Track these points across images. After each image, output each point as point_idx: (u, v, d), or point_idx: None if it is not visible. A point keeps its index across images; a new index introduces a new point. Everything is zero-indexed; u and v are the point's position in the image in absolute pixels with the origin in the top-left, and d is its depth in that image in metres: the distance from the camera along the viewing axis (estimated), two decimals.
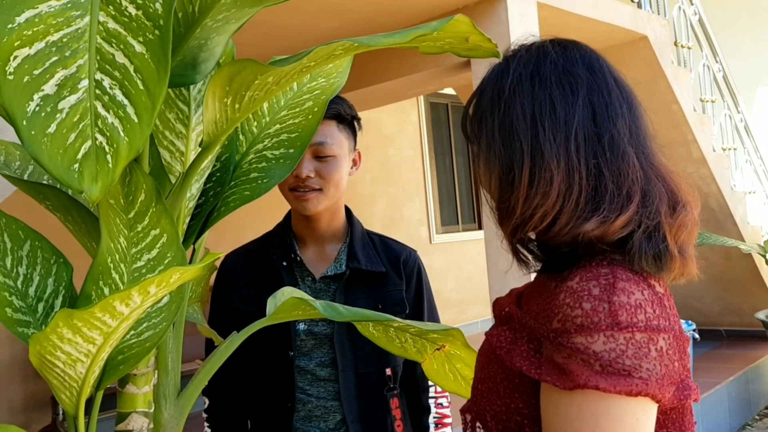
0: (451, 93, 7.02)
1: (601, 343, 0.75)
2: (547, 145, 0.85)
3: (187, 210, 1.09)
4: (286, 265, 1.53)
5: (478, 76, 3.53)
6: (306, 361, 1.50)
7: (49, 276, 0.89)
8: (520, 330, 0.86)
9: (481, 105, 0.92)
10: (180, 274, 0.71)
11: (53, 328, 0.73)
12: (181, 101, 1.07)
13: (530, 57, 0.90)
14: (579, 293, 0.78)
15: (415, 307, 1.58)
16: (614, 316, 0.75)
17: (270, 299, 1.21)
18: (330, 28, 3.72)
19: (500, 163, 0.87)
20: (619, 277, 0.78)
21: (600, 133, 0.86)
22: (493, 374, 0.88)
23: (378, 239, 1.61)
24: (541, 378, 0.79)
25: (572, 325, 0.77)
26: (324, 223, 1.53)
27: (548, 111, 0.86)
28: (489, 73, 0.95)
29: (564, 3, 3.88)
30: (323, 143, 1.44)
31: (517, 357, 0.83)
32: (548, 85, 0.87)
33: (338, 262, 1.53)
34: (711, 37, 5.64)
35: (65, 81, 0.79)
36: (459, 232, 7.70)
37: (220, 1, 0.95)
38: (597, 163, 0.85)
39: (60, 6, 0.80)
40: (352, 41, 0.87)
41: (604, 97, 0.88)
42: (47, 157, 0.77)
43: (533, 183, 0.84)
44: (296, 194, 1.46)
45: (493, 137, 0.88)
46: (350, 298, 1.48)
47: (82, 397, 0.85)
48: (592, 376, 0.74)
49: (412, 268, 1.59)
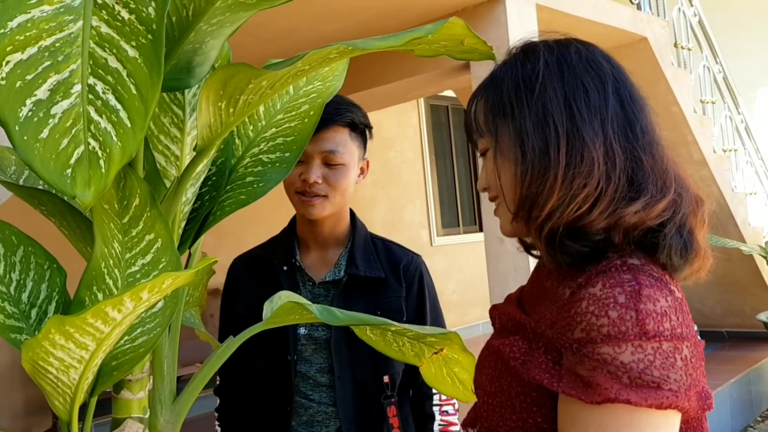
0: (452, 95, 7.02)
1: (629, 354, 0.72)
2: (585, 127, 0.83)
3: (182, 214, 1.08)
4: (286, 269, 1.52)
5: (478, 77, 3.53)
6: (307, 366, 1.49)
7: (43, 282, 0.89)
8: (535, 340, 0.82)
9: (500, 94, 0.89)
10: (172, 279, 0.70)
11: (45, 335, 0.72)
12: (176, 105, 1.06)
13: (552, 46, 0.90)
14: (604, 301, 0.74)
15: (417, 313, 1.55)
16: (642, 325, 0.72)
17: (267, 303, 1.21)
18: (330, 32, 3.72)
19: (532, 147, 0.84)
20: (644, 284, 0.75)
21: (631, 121, 0.85)
22: (507, 387, 0.84)
23: (381, 244, 1.60)
24: (563, 391, 0.75)
25: (598, 334, 0.73)
26: (327, 228, 1.53)
27: (582, 95, 0.85)
28: (501, 67, 0.92)
29: (563, 5, 3.88)
30: (334, 151, 1.43)
31: (535, 369, 0.79)
32: (578, 72, 0.86)
33: (338, 268, 1.53)
34: (711, 38, 5.64)
35: (58, 86, 0.79)
36: (460, 234, 7.70)
37: (214, 5, 0.94)
38: (632, 147, 0.83)
39: (53, 11, 0.80)
40: (347, 44, 0.86)
41: (628, 89, 0.88)
42: (40, 163, 0.76)
43: (571, 165, 0.82)
44: (302, 198, 1.46)
45: (523, 122, 0.85)
46: (349, 304, 1.46)
47: (75, 404, 0.84)
48: (623, 390, 0.71)
49: (413, 274, 1.57)
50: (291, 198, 1.49)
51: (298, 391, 1.50)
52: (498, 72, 0.92)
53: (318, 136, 1.42)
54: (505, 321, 0.92)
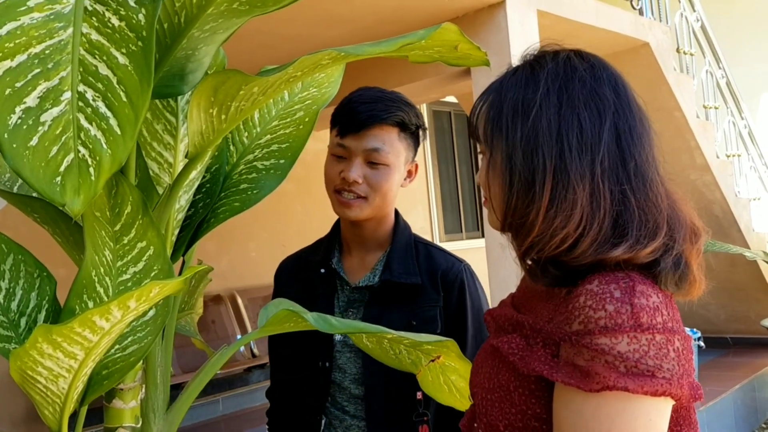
0: (454, 101, 7.02)
1: (626, 344, 0.75)
2: (572, 165, 0.83)
3: (175, 222, 1.08)
4: (323, 272, 1.46)
5: (479, 84, 3.53)
6: (342, 375, 1.42)
7: (32, 290, 0.88)
8: (533, 336, 0.85)
9: (500, 109, 0.89)
10: (160, 288, 0.70)
11: (33, 344, 0.72)
12: (168, 112, 1.06)
13: (558, 70, 0.88)
14: (601, 296, 0.78)
15: (456, 324, 1.45)
16: (636, 318, 0.76)
17: (262, 311, 1.20)
18: (330, 37, 3.72)
19: (519, 176, 0.85)
20: (637, 281, 0.79)
21: (625, 159, 0.85)
22: (505, 382, 0.87)
23: (424, 249, 1.50)
24: (562, 380, 0.78)
25: (595, 326, 0.77)
26: (368, 230, 1.45)
27: (575, 131, 0.84)
28: (509, 76, 0.92)
29: (565, 11, 3.87)
30: (378, 149, 1.36)
31: (534, 361, 0.82)
32: (576, 104, 0.86)
33: (374, 273, 1.45)
34: (713, 43, 5.63)
35: (48, 93, 0.78)
36: (463, 240, 7.68)
37: (206, 12, 0.94)
38: (622, 189, 0.84)
39: (42, 18, 0.80)
40: (338, 50, 0.86)
41: (628, 121, 0.87)
42: (29, 171, 0.76)
43: (554, 202, 0.83)
44: (340, 198, 1.38)
45: (515, 147, 0.86)
46: (385, 311, 1.39)
47: (65, 413, 0.84)
48: (620, 378, 0.74)
49: (453, 281, 1.46)
50: (330, 196, 1.41)
51: (335, 402, 1.43)
52: (505, 82, 0.91)
53: (363, 133, 1.36)
54: (501, 322, 0.95)
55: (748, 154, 6.08)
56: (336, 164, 1.38)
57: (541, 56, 0.91)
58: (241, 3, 0.94)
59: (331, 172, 1.38)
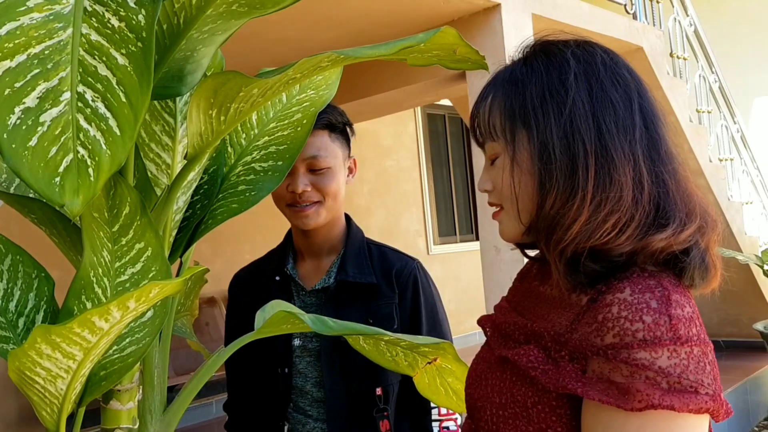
0: (449, 104, 7.03)
1: (666, 358, 0.70)
2: (614, 146, 0.79)
3: (173, 223, 1.08)
4: (278, 279, 1.49)
5: (474, 87, 3.54)
6: (303, 380, 1.45)
7: (30, 291, 0.88)
8: (556, 348, 0.79)
9: (523, 100, 0.84)
10: (159, 288, 0.70)
11: (32, 344, 0.72)
12: (167, 113, 1.06)
13: (579, 55, 0.85)
14: (636, 306, 0.73)
15: (411, 320, 1.49)
16: (675, 330, 0.71)
17: (258, 313, 1.20)
18: (325, 40, 3.72)
19: (558, 166, 0.80)
20: (671, 290, 0.75)
21: (656, 141, 0.82)
22: (522, 398, 0.81)
23: (377, 249, 1.54)
24: (600, 400, 0.72)
25: (633, 339, 0.71)
26: (321, 236, 1.49)
27: (610, 112, 0.80)
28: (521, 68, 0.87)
29: (559, 14, 3.89)
30: (317, 156, 1.39)
31: (563, 378, 0.76)
32: (605, 85, 0.82)
33: (329, 275, 1.49)
34: (707, 47, 5.66)
35: (47, 94, 0.78)
36: (456, 243, 7.69)
37: (205, 13, 0.94)
38: (658, 171, 0.80)
39: (42, 18, 0.80)
40: (338, 53, 0.86)
41: (650, 105, 0.84)
42: (28, 171, 0.76)
43: (599, 188, 0.78)
44: (295, 210, 1.42)
45: (549, 135, 0.81)
46: (341, 311, 1.42)
47: (63, 414, 0.84)
48: (665, 396, 0.69)
49: (407, 278, 1.50)
50: (283, 212, 1.45)
51: (297, 407, 1.45)
52: (519, 74, 0.86)
53: None
54: (509, 330, 0.89)
55: (741, 159, 6.11)
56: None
57: (550, 43, 0.88)
58: (240, 5, 0.94)
59: (279, 189, 1.40)
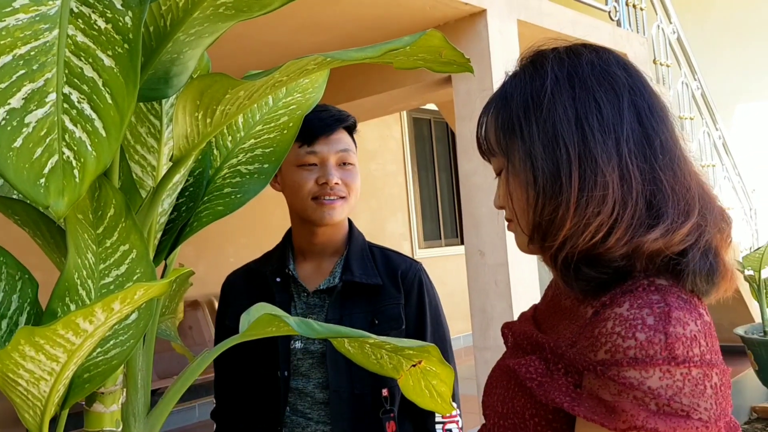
0: (434, 108, 7.06)
1: (657, 379, 0.68)
2: (597, 148, 0.77)
3: (158, 225, 1.07)
4: (279, 281, 1.48)
5: (459, 91, 3.56)
6: (304, 382, 1.43)
7: (14, 292, 0.87)
8: (554, 361, 0.78)
9: (509, 111, 0.85)
10: (144, 290, 0.70)
11: (15, 346, 0.71)
12: (152, 115, 1.06)
13: (562, 58, 0.84)
14: (632, 322, 0.70)
15: (417, 322, 1.50)
16: (671, 349, 0.68)
17: (243, 315, 1.19)
18: (312, 44, 3.73)
19: (542, 171, 0.79)
20: (674, 306, 0.71)
21: (650, 136, 0.79)
22: (521, 409, 0.80)
23: (379, 252, 1.55)
24: (585, 416, 0.70)
25: (624, 357, 0.69)
26: (326, 236, 1.49)
27: (594, 112, 0.79)
28: (510, 80, 0.88)
29: (544, 21, 3.92)
30: (347, 150, 1.43)
31: (554, 391, 0.75)
32: (589, 85, 0.80)
33: (333, 275, 1.48)
34: (689, 55, 5.73)
35: (32, 95, 0.78)
36: (441, 246, 7.71)
37: (192, 16, 0.94)
38: (651, 167, 0.78)
39: (28, 19, 0.79)
40: (324, 56, 0.86)
41: (645, 99, 0.82)
42: (13, 172, 0.75)
43: (584, 190, 0.77)
44: (324, 202, 1.41)
45: (532, 144, 0.80)
46: (346, 312, 1.42)
47: (46, 417, 0.83)
48: (650, 417, 0.66)
49: (412, 281, 1.51)
50: (305, 206, 1.43)
51: (295, 410, 1.43)
52: (507, 86, 0.87)
53: (330, 138, 1.41)
54: (520, 340, 0.88)
55: (722, 165, 6.19)
56: (308, 173, 1.42)
57: (539, 53, 0.87)
58: (227, 7, 0.94)
59: (305, 181, 1.41)
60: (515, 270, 3.31)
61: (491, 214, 3.36)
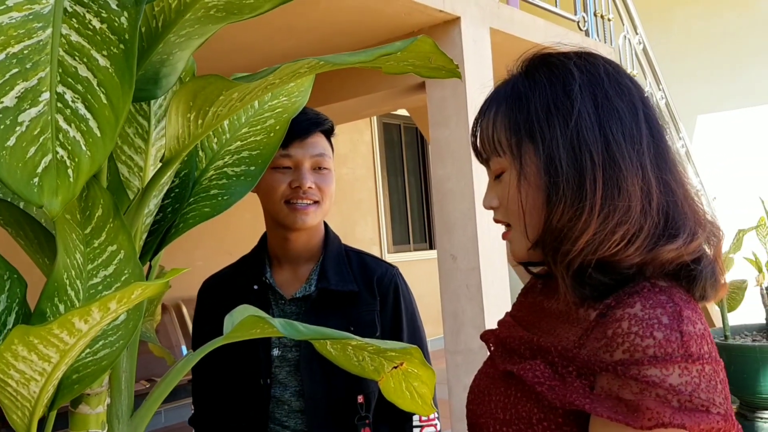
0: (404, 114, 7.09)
1: (677, 376, 0.69)
2: (621, 156, 0.78)
3: (144, 226, 1.07)
4: (257, 288, 1.47)
5: (433, 97, 3.59)
6: (281, 390, 1.43)
7: (2, 293, 0.86)
8: (563, 364, 0.78)
9: (527, 114, 0.84)
10: (142, 290, 0.70)
11: (8, 346, 0.71)
12: (141, 116, 1.05)
13: (582, 65, 0.85)
14: (647, 321, 0.72)
15: (393, 326, 1.50)
16: (686, 347, 0.70)
17: (227, 317, 1.19)
18: (286, 47, 3.72)
19: (565, 178, 0.79)
20: (682, 306, 0.73)
21: (662, 150, 0.81)
22: (526, 414, 0.80)
23: (356, 256, 1.54)
24: (610, 417, 0.70)
25: (644, 356, 0.70)
26: (302, 242, 1.48)
27: (617, 122, 0.80)
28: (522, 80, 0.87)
29: (516, 29, 3.98)
30: (323, 155, 1.42)
31: (570, 394, 0.75)
32: (610, 96, 0.81)
33: (309, 283, 1.48)
34: (654, 65, 5.86)
35: (26, 93, 0.78)
36: (410, 251, 7.75)
37: (184, 17, 0.95)
38: (665, 180, 0.79)
39: (21, 17, 0.79)
40: (318, 59, 0.87)
41: (653, 113, 0.84)
42: (6, 171, 0.75)
43: (607, 198, 0.77)
44: (297, 207, 1.40)
45: (556, 147, 0.80)
46: (321, 320, 1.42)
47: (34, 418, 0.82)
48: (676, 414, 0.68)
49: (388, 286, 1.51)
50: (277, 208, 1.42)
51: (274, 419, 1.42)
52: (521, 87, 0.86)
53: (306, 141, 1.40)
54: (514, 345, 0.88)
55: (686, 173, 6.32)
56: (282, 176, 1.41)
57: (550, 56, 0.88)
58: (218, 9, 0.95)
59: (278, 184, 1.40)
60: (487, 274, 3.34)
61: (464, 219, 3.39)
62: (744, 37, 7.63)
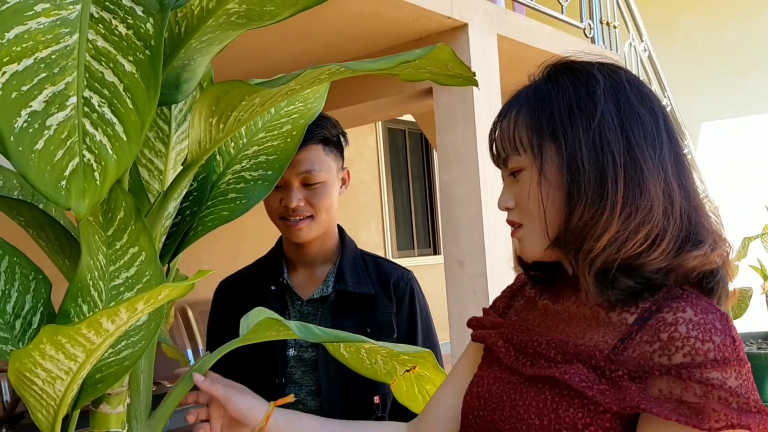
0: (409, 119, 7.11)
1: (734, 379, 0.72)
2: (643, 158, 0.79)
3: (163, 228, 1.09)
4: (274, 289, 1.49)
5: (441, 103, 3.60)
6: (297, 389, 1.44)
7: (28, 293, 0.88)
8: (612, 368, 0.78)
9: (550, 113, 0.85)
10: (169, 291, 0.71)
11: (36, 344, 0.72)
12: (161, 120, 1.07)
13: (604, 70, 0.86)
14: (705, 326, 0.73)
15: (408, 330, 1.52)
16: (738, 351, 0.73)
17: (243, 320, 1.21)
18: (295, 53, 3.74)
19: (587, 178, 0.81)
20: (722, 311, 0.76)
21: (681, 159, 0.83)
22: (570, 419, 0.79)
23: (371, 260, 1.56)
24: (678, 420, 0.71)
25: (705, 359, 0.72)
26: (315, 247, 1.49)
27: (638, 126, 0.81)
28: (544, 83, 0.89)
29: (523, 36, 3.99)
30: (311, 171, 1.40)
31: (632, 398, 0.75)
32: (632, 101, 0.83)
33: (326, 284, 1.49)
34: (660, 72, 5.87)
35: (53, 98, 0.79)
36: (415, 256, 7.75)
37: (206, 23, 0.96)
38: (686, 188, 0.81)
39: (49, 23, 0.81)
40: (339, 66, 0.89)
41: (670, 121, 0.86)
42: (35, 174, 0.76)
43: (629, 199, 0.78)
44: (288, 224, 1.42)
45: (579, 146, 0.81)
46: (338, 321, 1.43)
47: (59, 416, 0.84)
48: (741, 415, 0.70)
49: (404, 289, 1.53)
50: (276, 224, 1.45)
51: None
52: (544, 89, 0.88)
53: (293, 160, 1.41)
54: (540, 349, 0.87)
55: None
56: (274, 194, 1.41)
57: (573, 63, 0.89)
58: (239, 16, 0.97)
59: (272, 202, 1.42)
60: (494, 280, 3.35)
61: (470, 224, 3.40)
62: (749, 45, 7.64)
